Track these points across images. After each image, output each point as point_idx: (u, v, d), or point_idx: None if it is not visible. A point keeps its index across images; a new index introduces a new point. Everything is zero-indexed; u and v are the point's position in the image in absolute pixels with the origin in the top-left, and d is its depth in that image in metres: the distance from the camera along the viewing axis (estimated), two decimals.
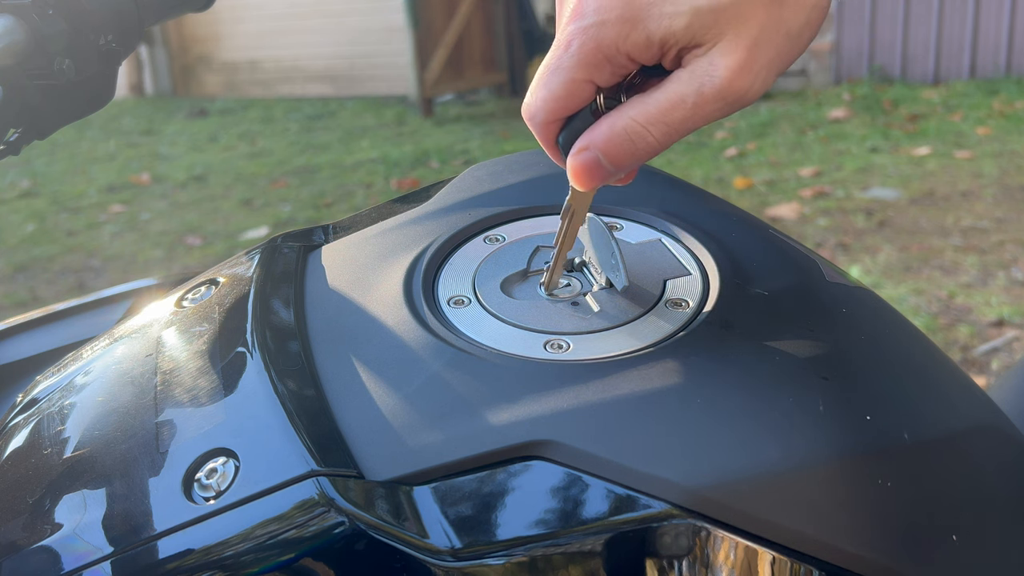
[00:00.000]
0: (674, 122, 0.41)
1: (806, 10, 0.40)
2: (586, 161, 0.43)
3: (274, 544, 0.39)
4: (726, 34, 0.39)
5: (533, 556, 0.39)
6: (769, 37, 0.40)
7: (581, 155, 0.43)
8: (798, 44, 0.41)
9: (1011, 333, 2.53)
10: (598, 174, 0.44)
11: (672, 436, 0.40)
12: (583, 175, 0.44)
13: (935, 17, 5.99)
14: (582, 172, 0.43)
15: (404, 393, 0.44)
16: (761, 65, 0.40)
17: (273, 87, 8.83)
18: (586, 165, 0.43)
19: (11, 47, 0.59)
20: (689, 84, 0.40)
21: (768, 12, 0.40)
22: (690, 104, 0.41)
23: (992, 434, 0.49)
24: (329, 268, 0.55)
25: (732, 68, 0.40)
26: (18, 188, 5.53)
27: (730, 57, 0.40)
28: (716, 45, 0.40)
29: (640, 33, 0.40)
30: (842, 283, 0.52)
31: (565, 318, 0.49)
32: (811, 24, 0.41)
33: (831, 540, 0.40)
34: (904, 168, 4.20)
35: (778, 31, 0.40)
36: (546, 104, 0.43)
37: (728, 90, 0.40)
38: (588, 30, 0.41)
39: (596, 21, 0.40)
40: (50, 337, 0.77)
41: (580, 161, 0.43)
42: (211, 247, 4.09)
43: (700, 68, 0.40)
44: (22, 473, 0.50)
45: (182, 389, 0.47)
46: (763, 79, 0.40)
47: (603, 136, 0.42)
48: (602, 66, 0.41)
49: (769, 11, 0.40)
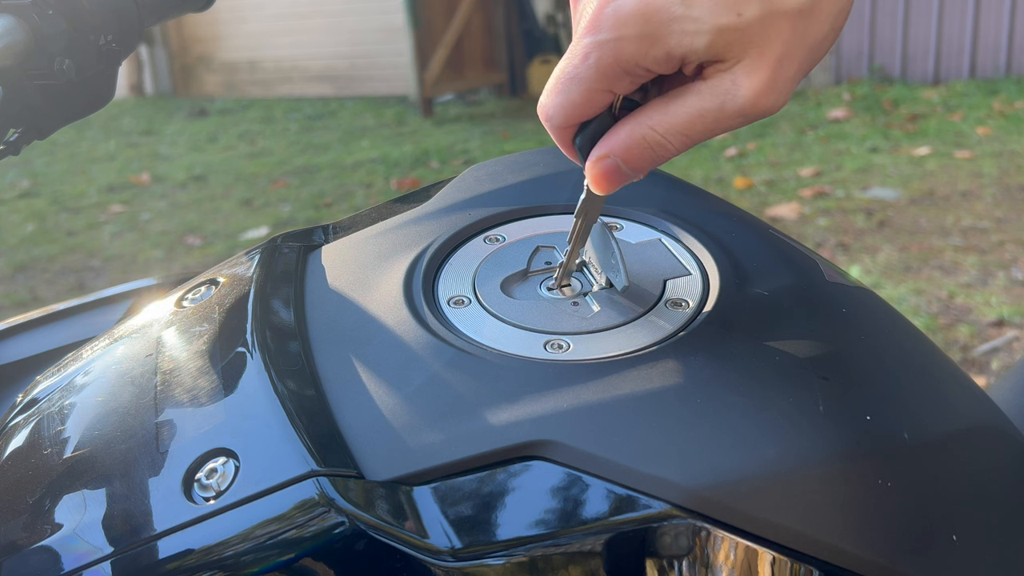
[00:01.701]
0: (694, 133, 0.41)
1: (831, 19, 0.39)
2: (607, 168, 0.43)
3: (274, 544, 0.39)
4: (750, 52, 0.38)
5: (533, 556, 0.39)
6: (793, 53, 0.39)
7: (602, 163, 0.43)
8: (820, 53, 0.40)
9: (1011, 333, 2.53)
10: (618, 179, 0.44)
11: (672, 436, 0.40)
12: (604, 181, 0.44)
13: (935, 17, 5.99)
14: (603, 178, 0.44)
15: (404, 393, 0.44)
16: (785, 81, 0.39)
17: (273, 87, 8.83)
18: (607, 172, 0.43)
19: (11, 47, 0.59)
20: (711, 100, 0.40)
21: (794, 28, 0.38)
22: (711, 119, 0.40)
23: (992, 434, 0.49)
24: (329, 268, 0.55)
25: (755, 88, 0.39)
26: (18, 188, 5.53)
27: (754, 77, 0.39)
28: (740, 63, 0.39)
29: (660, 49, 0.39)
30: (842, 283, 0.52)
31: (565, 318, 0.49)
32: (834, 31, 0.40)
33: (831, 540, 0.40)
34: (904, 168, 4.20)
35: (803, 45, 0.39)
36: (564, 110, 0.43)
37: (751, 108, 0.39)
38: (605, 45, 0.40)
39: (614, 36, 0.39)
40: (50, 337, 0.77)
41: (601, 168, 0.43)
42: (211, 247, 4.09)
43: (722, 85, 0.39)
44: (22, 473, 0.50)
45: (182, 389, 0.47)
46: (786, 94, 0.40)
47: (623, 144, 0.42)
48: (621, 78, 0.41)
49: (795, 27, 0.38)
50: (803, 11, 0.38)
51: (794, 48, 0.39)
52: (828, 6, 0.39)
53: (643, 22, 0.38)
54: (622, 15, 0.39)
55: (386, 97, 7.93)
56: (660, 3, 0.38)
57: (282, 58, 8.73)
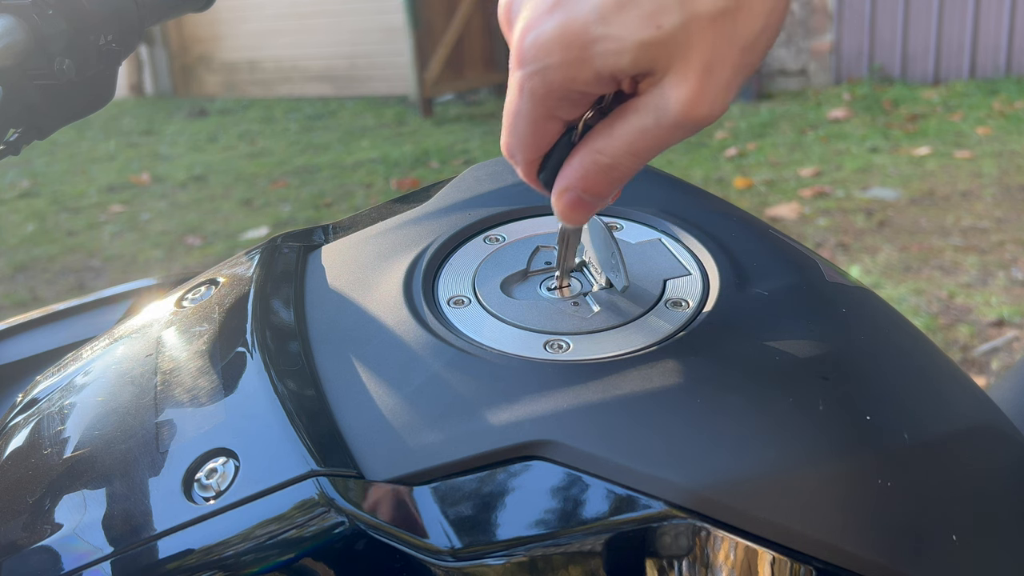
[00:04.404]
0: (641, 151, 0.40)
1: (762, 16, 0.37)
2: (570, 201, 0.43)
3: (274, 544, 0.39)
4: (675, 63, 0.37)
5: (533, 556, 0.39)
6: (722, 57, 0.37)
7: (564, 197, 0.43)
8: (756, 53, 0.38)
9: (1011, 333, 2.53)
10: (585, 209, 0.43)
11: (672, 436, 0.40)
12: (572, 213, 0.43)
13: (935, 17, 5.99)
14: (570, 211, 0.43)
15: (404, 393, 0.44)
16: (717, 88, 0.38)
17: (273, 87, 8.83)
18: (571, 205, 0.43)
19: (11, 47, 0.59)
20: (647, 116, 0.39)
21: (719, 32, 0.37)
22: (651, 136, 0.39)
23: (992, 434, 0.49)
24: (329, 268, 0.55)
25: (685, 99, 0.37)
26: (18, 188, 5.53)
27: (681, 88, 0.37)
28: (667, 75, 0.37)
29: (587, 72, 0.38)
30: (842, 283, 0.52)
31: (565, 318, 0.49)
32: (769, 27, 0.38)
33: (831, 540, 0.40)
34: (904, 168, 4.20)
35: (732, 48, 0.37)
36: (520, 148, 0.42)
37: (685, 119, 0.38)
38: (534, 76, 0.39)
39: (540, 67, 0.38)
40: (50, 337, 0.77)
41: (565, 202, 0.43)
42: (211, 247, 4.09)
43: (653, 100, 0.38)
44: (22, 473, 0.50)
45: (182, 389, 0.47)
46: (722, 99, 0.38)
47: (577, 174, 0.42)
48: (559, 105, 0.40)
49: (720, 30, 0.37)
50: (727, 12, 0.37)
51: (722, 52, 0.37)
52: (756, 5, 0.37)
53: (564, 48, 0.37)
54: (542, 44, 0.38)
55: (386, 97, 7.93)
56: (578, 26, 0.37)
57: (282, 58, 8.73)
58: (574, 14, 0.37)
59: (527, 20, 0.39)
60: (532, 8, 0.39)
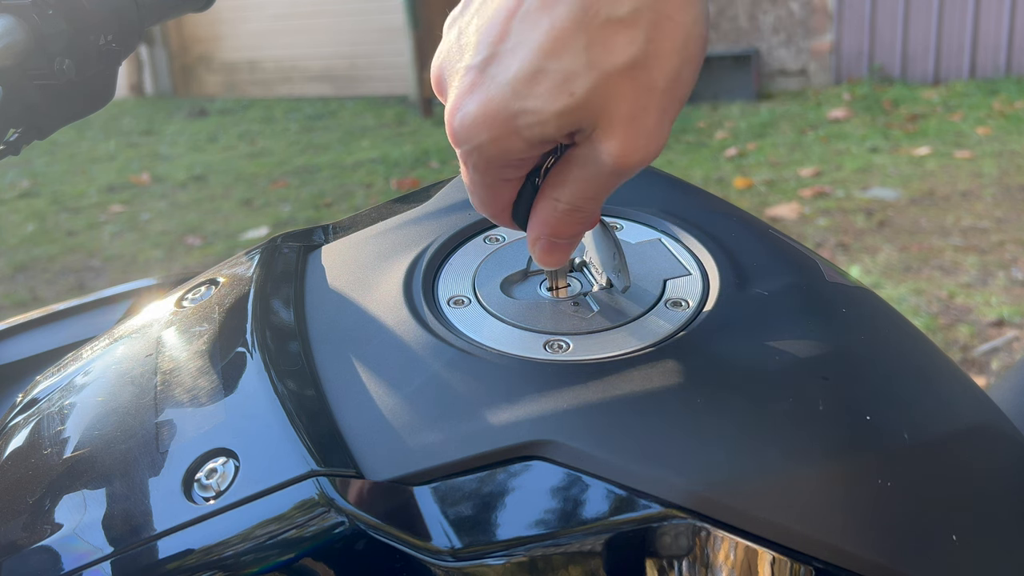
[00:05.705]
0: (594, 194, 0.41)
1: (675, 55, 0.37)
2: (545, 247, 0.44)
3: (274, 544, 0.39)
4: (599, 120, 0.38)
5: (533, 556, 0.39)
6: (643, 105, 0.37)
7: (537, 244, 0.44)
8: (681, 88, 0.38)
9: (1011, 333, 2.53)
10: (560, 251, 0.44)
11: (672, 436, 0.40)
12: (549, 258, 0.45)
13: (935, 17, 5.99)
14: (546, 256, 0.44)
15: (404, 393, 0.44)
16: (645, 134, 0.38)
17: (273, 87, 8.83)
18: (546, 250, 0.44)
19: (11, 47, 0.59)
20: (587, 166, 0.39)
21: (633, 84, 0.37)
22: (596, 182, 0.40)
23: (992, 434, 0.49)
24: (329, 268, 0.55)
25: (615, 152, 0.38)
26: (18, 188, 5.53)
27: (612, 140, 0.38)
28: (595, 130, 0.38)
29: (518, 143, 0.39)
30: (842, 283, 0.52)
31: (565, 318, 0.49)
32: (689, 62, 0.38)
33: (831, 540, 0.40)
34: (904, 168, 4.20)
35: (652, 93, 0.37)
36: (483, 207, 0.44)
37: (622, 167, 0.39)
38: (472, 153, 0.40)
39: (474, 145, 0.39)
40: (50, 337, 0.77)
41: (540, 250, 0.44)
42: (211, 247, 4.09)
43: (589, 153, 0.39)
44: (22, 473, 0.50)
45: (182, 389, 0.47)
46: (654, 143, 0.38)
47: (543, 222, 0.43)
48: (504, 171, 0.41)
49: (634, 82, 0.37)
50: (636, 63, 0.37)
51: (642, 100, 0.37)
52: (665, 45, 0.37)
53: (489, 127, 0.38)
54: (468, 125, 0.39)
55: (386, 97, 7.93)
56: (496, 104, 0.38)
57: (282, 58, 8.73)
58: (491, 93, 0.38)
59: (452, 100, 0.40)
60: (456, 87, 0.40)
